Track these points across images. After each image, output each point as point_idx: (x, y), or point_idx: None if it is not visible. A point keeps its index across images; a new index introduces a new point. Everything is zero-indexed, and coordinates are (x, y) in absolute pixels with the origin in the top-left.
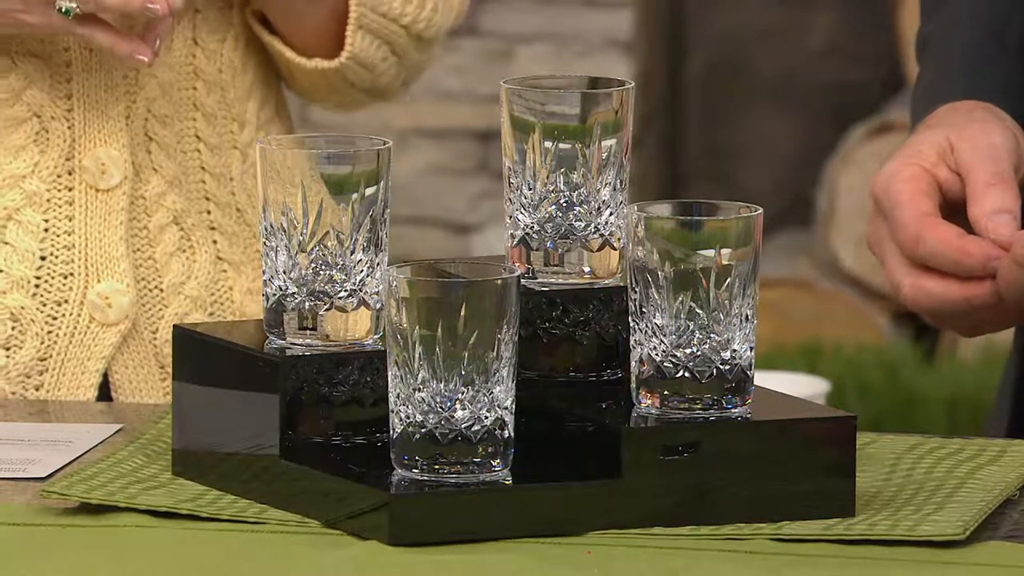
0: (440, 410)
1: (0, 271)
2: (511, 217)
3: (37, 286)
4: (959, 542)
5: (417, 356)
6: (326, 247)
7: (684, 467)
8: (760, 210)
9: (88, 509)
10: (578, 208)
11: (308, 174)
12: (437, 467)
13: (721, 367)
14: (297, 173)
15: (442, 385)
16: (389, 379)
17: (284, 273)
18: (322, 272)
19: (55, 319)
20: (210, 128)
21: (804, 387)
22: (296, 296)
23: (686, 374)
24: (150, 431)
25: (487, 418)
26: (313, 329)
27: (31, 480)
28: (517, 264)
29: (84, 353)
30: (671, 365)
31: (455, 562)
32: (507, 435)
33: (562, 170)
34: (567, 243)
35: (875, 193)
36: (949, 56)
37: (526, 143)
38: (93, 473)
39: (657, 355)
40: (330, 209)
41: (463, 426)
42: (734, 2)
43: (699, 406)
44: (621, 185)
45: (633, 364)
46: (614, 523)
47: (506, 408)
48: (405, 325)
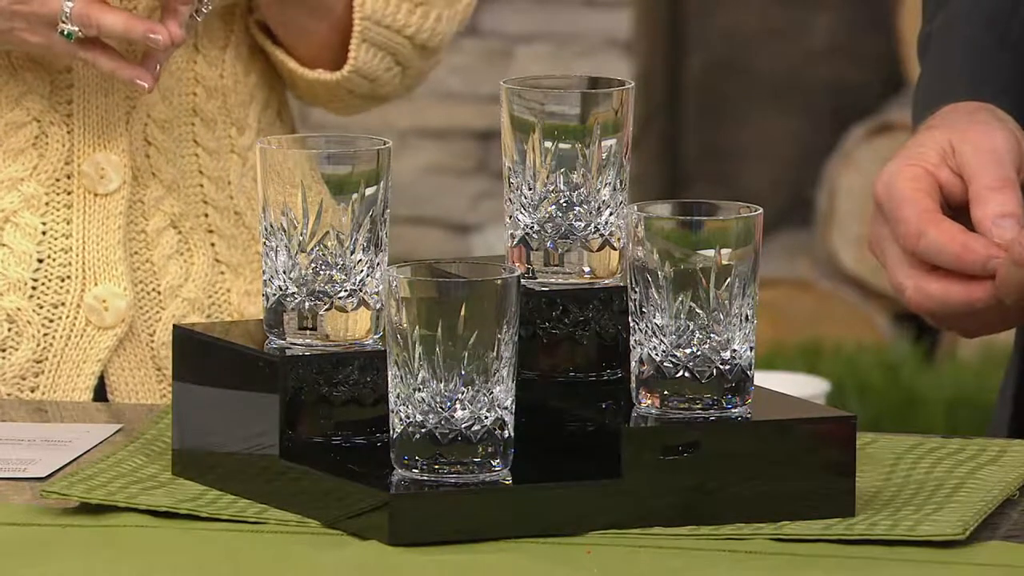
0: (440, 410)
1: None
2: (511, 217)
3: (34, 288)
4: (959, 542)
5: (417, 356)
6: (326, 247)
7: (684, 467)
8: (760, 210)
9: (88, 509)
10: (578, 208)
11: (308, 174)
12: (437, 467)
13: (721, 367)
14: (297, 173)
15: (442, 385)
16: (389, 379)
17: (284, 273)
18: (322, 272)
19: (51, 321)
20: (209, 133)
21: (804, 387)
22: (296, 296)
23: (686, 374)
24: (150, 431)
25: (487, 418)
26: (313, 329)
27: (31, 480)
28: (517, 264)
29: (80, 356)
30: (671, 365)
31: (455, 562)
32: (507, 435)
33: (562, 170)
34: (567, 243)
35: (876, 194)
36: (951, 56)
37: (526, 143)
38: (93, 473)
39: (657, 355)
40: (330, 209)
41: (463, 426)
42: (734, 2)
43: (699, 406)
44: (621, 185)
45: (633, 364)
46: (614, 523)
47: (506, 408)
48: (405, 325)
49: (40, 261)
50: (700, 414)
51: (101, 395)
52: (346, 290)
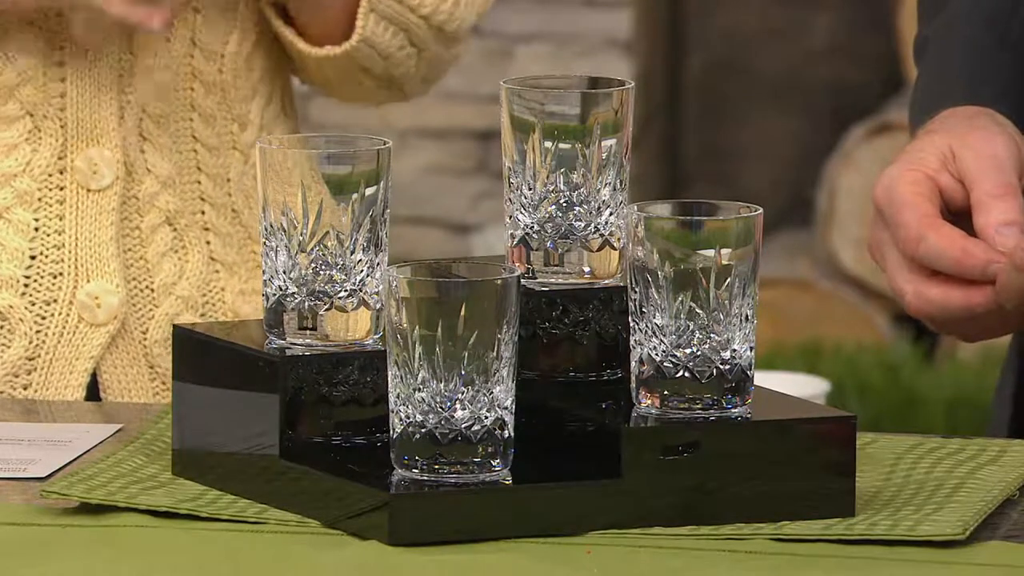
0: (440, 410)
1: None
2: (511, 217)
3: (26, 285)
4: (959, 542)
5: (417, 356)
6: (326, 247)
7: (684, 467)
8: (760, 210)
9: (88, 509)
10: (578, 208)
11: (308, 174)
12: (437, 467)
13: (721, 367)
14: (297, 173)
15: (442, 385)
16: (389, 379)
17: (284, 273)
18: (322, 272)
19: (44, 318)
20: (208, 129)
21: (804, 387)
22: (296, 296)
23: (686, 374)
24: (150, 431)
25: (487, 418)
26: (313, 329)
27: (31, 480)
28: (517, 264)
29: (72, 353)
30: (671, 365)
31: (455, 562)
32: (507, 435)
33: (562, 170)
34: (567, 243)
35: (876, 198)
36: (949, 58)
37: (526, 143)
38: (93, 473)
39: (657, 355)
40: (330, 209)
41: (463, 426)
42: (734, 2)
43: (699, 406)
44: (621, 185)
45: (633, 364)
46: (614, 523)
47: (506, 408)
48: (405, 325)
49: (32, 258)
50: (700, 414)
51: (94, 392)
52: (346, 290)
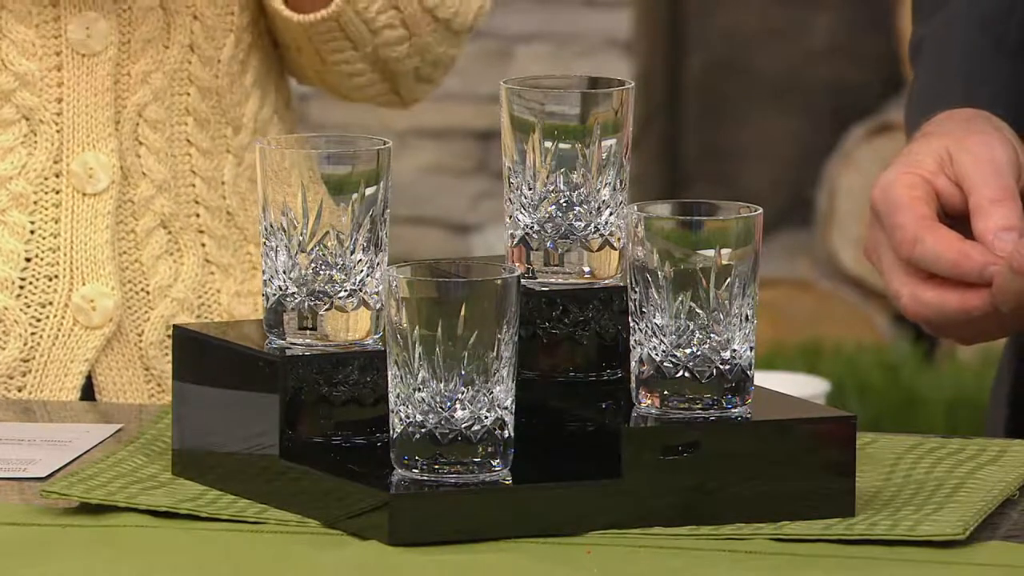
0: (440, 410)
1: None
2: (511, 217)
3: (21, 287)
4: (959, 542)
5: (417, 356)
6: (326, 247)
7: (684, 467)
8: (760, 210)
9: (88, 509)
10: (578, 208)
11: (308, 174)
12: (437, 467)
13: (721, 367)
14: (297, 173)
15: (442, 385)
16: (389, 379)
17: (284, 273)
18: (322, 272)
19: (39, 321)
20: (202, 133)
21: (804, 387)
22: (296, 296)
23: (686, 374)
24: (150, 431)
25: (487, 418)
26: (313, 329)
27: (31, 480)
28: (517, 264)
29: (67, 355)
30: (671, 365)
31: (455, 562)
32: (507, 435)
33: (562, 170)
34: (567, 243)
35: (873, 201)
36: (946, 60)
37: (526, 143)
38: (93, 473)
39: (657, 355)
40: (330, 209)
41: (463, 426)
42: (734, 2)
43: (699, 406)
44: (621, 185)
45: (633, 364)
46: (614, 523)
47: (506, 408)
48: (405, 325)
49: (28, 260)
50: (700, 414)
51: (89, 395)
52: (346, 290)
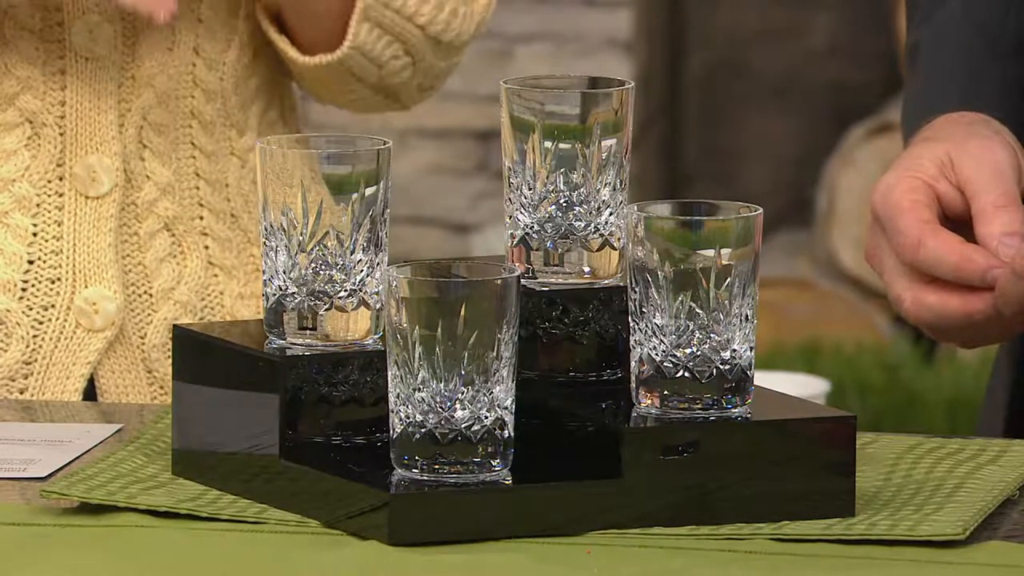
0: (440, 410)
1: None
2: (511, 217)
3: (24, 290)
4: (959, 542)
5: (417, 356)
6: (326, 247)
7: (684, 467)
8: (760, 210)
9: (88, 509)
10: (578, 208)
11: (308, 174)
12: (437, 467)
13: (721, 367)
14: (297, 173)
15: (442, 385)
16: (389, 379)
17: (284, 273)
18: (322, 272)
19: (41, 323)
20: (207, 136)
21: (804, 387)
22: (296, 296)
23: (686, 374)
24: (150, 431)
25: (487, 418)
26: (313, 329)
27: (31, 480)
28: (517, 264)
29: (69, 358)
30: (671, 365)
31: (455, 562)
32: (507, 435)
33: (562, 170)
34: (567, 243)
35: (874, 205)
36: (942, 63)
37: (526, 143)
38: (93, 473)
39: (657, 355)
40: (330, 209)
41: (463, 426)
42: (734, 2)
43: (699, 406)
44: (621, 185)
45: (633, 364)
46: (614, 523)
47: (506, 408)
48: (405, 325)
49: (31, 263)
50: (700, 414)
51: (91, 397)
52: (346, 290)
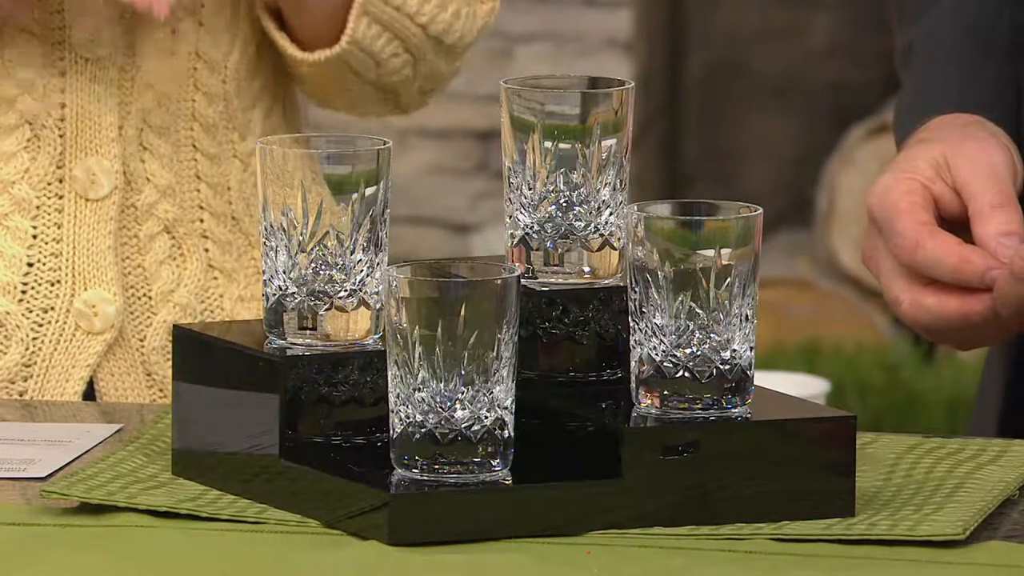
0: (440, 410)
1: None
2: (511, 217)
3: (23, 292)
4: (959, 542)
5: (417, 356)
6: (326, 247)
7: (684, 467)
8: (760, 210)
9: (88, 509)
10: (578, 208)
11: (308, 174)
12: (437, 467)
13: (721, 367)
14: (297, 173)
15: (442, 385)
16: (389, 379)
17: (284, 273)
18: (322, 272)
19: (41, 326)
20: (209, 138)
21: (804, 387)
22: (296, 296)
23: (686, 374)
24: (150, 431)
25: (487, 418)
26: (313, 329)
27: (31, 480)
28: (517, 264)
29: (69, 361)
30: (671, 365)
31: (455, 562)
32: (507, 435)
33: (562, 170)
34: (567, 243)
35: (870, 207)
36: (935, 65)
37: (526, 143)
38: (93, 473)
39: (657, 355)
40: (330, 209)
41: (463, 426)
42: (734, 2)
43: (699, 406)
44: (621, 185)
45: (633, 364)
46: (614, 523)
47: (506, 408)
48: (405, 325)
49: (30, 265)
50: (700, 414)
51: (90, 400)
52: (346, 290)
